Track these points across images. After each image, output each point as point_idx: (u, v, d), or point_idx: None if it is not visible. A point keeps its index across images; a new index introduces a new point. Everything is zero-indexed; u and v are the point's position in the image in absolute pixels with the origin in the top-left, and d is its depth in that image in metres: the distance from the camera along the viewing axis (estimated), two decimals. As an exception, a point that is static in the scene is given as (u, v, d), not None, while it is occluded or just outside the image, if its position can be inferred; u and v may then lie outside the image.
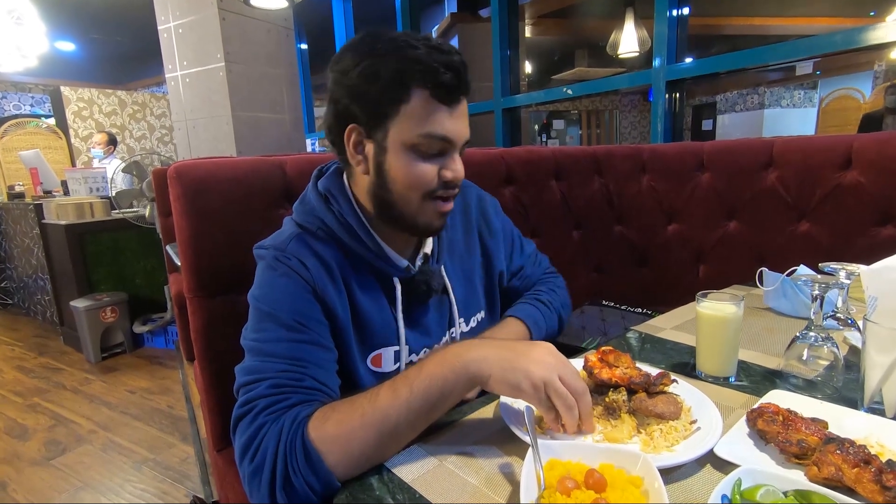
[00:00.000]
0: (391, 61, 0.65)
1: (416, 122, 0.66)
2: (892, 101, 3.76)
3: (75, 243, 3.09)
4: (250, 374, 0.63)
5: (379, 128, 0.68)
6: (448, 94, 0.67)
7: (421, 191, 0.70)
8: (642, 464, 0.49)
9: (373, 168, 0.71)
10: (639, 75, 2.37)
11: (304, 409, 0.59)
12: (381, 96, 0.66)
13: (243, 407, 0.61)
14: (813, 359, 0.71)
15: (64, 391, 2.67)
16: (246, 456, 0.58)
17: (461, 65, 0.67)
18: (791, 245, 1.55)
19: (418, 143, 0.67)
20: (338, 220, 0.73)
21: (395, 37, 0.67)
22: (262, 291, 0.70)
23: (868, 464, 0.46)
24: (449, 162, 0.70)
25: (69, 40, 6.27)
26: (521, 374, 0.57)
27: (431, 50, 0.65)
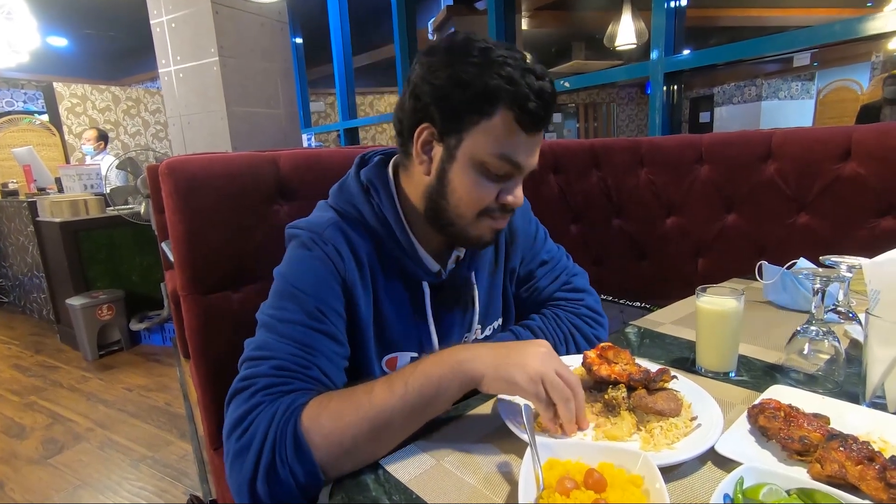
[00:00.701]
0: (484, 73, 0.62)
1: (493, 141, 0.65)
2: (891, 91, 3.75)
3: (70, 241, 3.07)
4: (258, 350, 0.62)
5: (453, 135, 0.66)
6: (532, 123, 0.65)
7: (477, 208, 0.69)
8: (642, 463, 0.48)
9: (436, 172, 0.69)
10: (636, 67, 2.35)
11: (301, 396, 0.58)
12: (464, 105, 0.64)
13: (243, 381, 0.60)
14: (814, 353, 0.71)
15: (61, 389, 2.66)
16: (234, 433, 0.56)
17: (551, 95, 0.65)
18: (790, 237, 1.54)
19: (488, 163, 0.66)
20: (375, 213, 0.72)
21: (492, 48, 0.64)
22: (290, 269, 0.69)
23: (872, 461, 0.46)
24: (512, 187, 0.69)
25: (61, 35, 6.20)
26: (516, 369, 0.56)
27: (526, 72, 0.63)
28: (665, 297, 1.19)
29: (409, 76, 0.69)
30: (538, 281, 0.90)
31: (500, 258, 0.87)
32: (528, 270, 0.91)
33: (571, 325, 0.85)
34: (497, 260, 0.87)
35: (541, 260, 0.91)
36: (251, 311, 0.95)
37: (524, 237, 0.90)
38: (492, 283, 0.87)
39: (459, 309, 0.82)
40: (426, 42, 4.54)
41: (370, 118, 6.83)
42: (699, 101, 8.62)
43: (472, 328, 0.83)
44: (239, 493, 0.55)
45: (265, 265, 0.97)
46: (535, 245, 0.92)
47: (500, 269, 0.87)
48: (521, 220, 0.90)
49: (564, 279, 0.91)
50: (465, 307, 0.82)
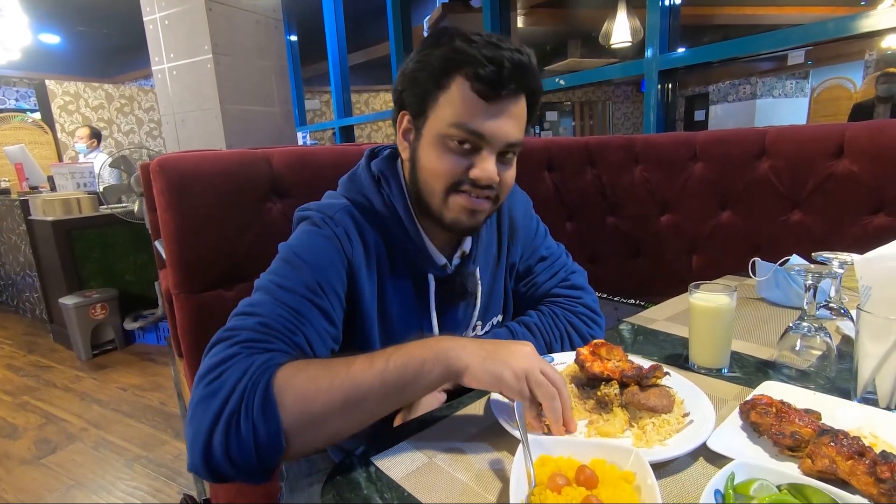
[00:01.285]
0: (441, 50, 0.65)
1: (451, 112, 0.65)
2: (884, 89, 3.77)
3: (63, 240, 3.04)
4: (249, 307, 0.62)
5: (422, 115, 0.68)
6: (489, 88, 0.64)
7: (443, 183, 0.68)
8: (634, 459, 0.48)
9: (410, 154, 0.71)
10: (631, 65, 2.35)
11: (280, 357, 0.57)
12: (427, 84, 0.66)
13: (226, 332, 0.59)
14: (806, 349, 0.71)
15: (54, 389, 2.64)
16: (206, 378, 0.54)
17: (512, 61, 0.64)
18: (784, 234, 1.55)
19: (447, 133, 0.66)
20: (385, 203, 0.73)
21: (461, 32, 0.66)
22: (297, 242, 0.69)
23: (862, 456, 0.46)
24: (478, 160, 0.67)
25: (54, 32, 6.15)
26: (502, 365, 0.55)
27: (487, 45, 0.64)
28: (659, 294, 1.19)
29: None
30: (537, 276, 0.90)
31: (501, 254, 0.87)
32: (528, 266, 0.91)
33: (568, 323, 0.85)
34: (499, 256, 0.87)
35: (540, 256, 0.91)
36: (244, 310, 0.95)
37: (524, 232, 0.90)
38: (494, 279, 0.87)
39: (462, 304, 0.82)
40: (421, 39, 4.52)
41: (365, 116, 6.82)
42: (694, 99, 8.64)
43: (472, 324, 0.84)
44: (193, 442, 0.51)
45: (258, 263, 0.96)
46: (535, 241, 0.92)
47: (501, 264, 0.87)
48: (522, 216, 0.90)
49: (563, 276, 0.91)
50: (468, 302, 0.82)
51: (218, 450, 0.50)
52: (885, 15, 1.61)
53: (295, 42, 5.01)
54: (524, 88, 0.67)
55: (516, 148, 0.70)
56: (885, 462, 0.44)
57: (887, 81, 3.77)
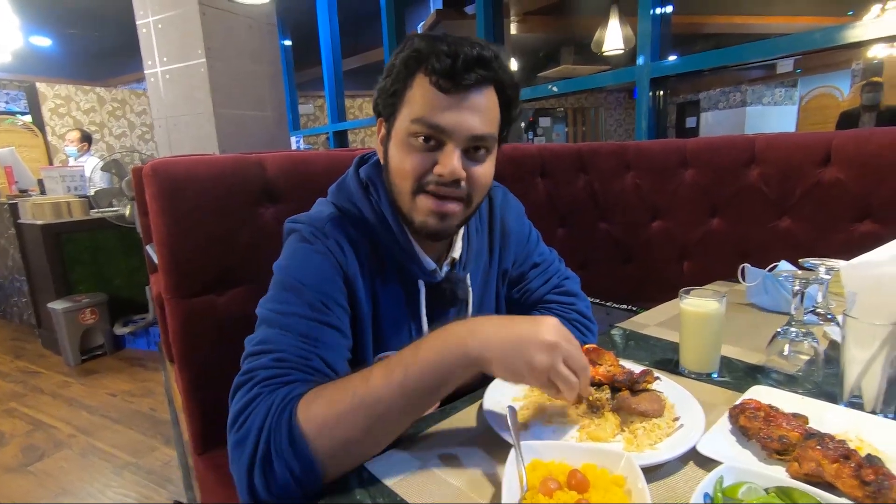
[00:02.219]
0: (403, 52, 0.66)
1: (412, 109, 0.66)
2: (869, 98, 3.85)
3: (52, 243, 3.01)
4: (260, 345, 0.61)
5: (392, 118, 0.69)
6: (447, 80, 0.63)
7: (409, 182, 0.67)
8: (625, 463, 0.49)
9: (383, 159, 0.72)
10: (623, 73, 2.38)
11: (299, 387, 0.57)
12: (391, 86, 0.67)
13: (244, 375, 0.59)
14: (794, 354, 0.72)
15: (42, 395, 2.61)
16: (234, 425, 0.56)
17: (470, 53, 0.63)
18: (773, 241, 1.57)
19: (411, 131, 0.66)
20: (374, 210, 0.73)
21: (428, 35, 0.67)
22: (291, 263, 0.68)
23: (848, 459, 0.47)
24: (441, 156, 0.65)
25: (45, 35, 6.11)
26: (523, 362, 0.53)
27: (446, 42, 0.64)
28: (651, 299, 1.20)
29: None
30: (530, 282, 0.90)
31: (493, 260, 0.87)
32: (521, 272, 0.91)
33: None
34: (491, 261, 0.87)
35: (533, 262, 0.91)
36: (236, 315, 0.95)
37: (517, 239, 0.90)
38: (485, 285, 0.87)
39: (453, 309, 0.82)
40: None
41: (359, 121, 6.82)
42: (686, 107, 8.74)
43: None
44: (239, 485, 0.54)
45: (251, 268, 0.97)
46: (528, 247, 0.92)
47: (493, 270, 0.88)
48: (515, 223, 0.90)
49: (556, 282, 0.91)
50: (459, 308, 0.82)
51: (261, 490, 0.53)
52: (870, 26, 1.64)
53: (289, 46, 5.02)
54: (487, 80, 0.65)
55: (486, 143, 0.67)
56: (870, 465, 0.45)
57: (872, 90, 3.86)
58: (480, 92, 0.65)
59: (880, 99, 3.88)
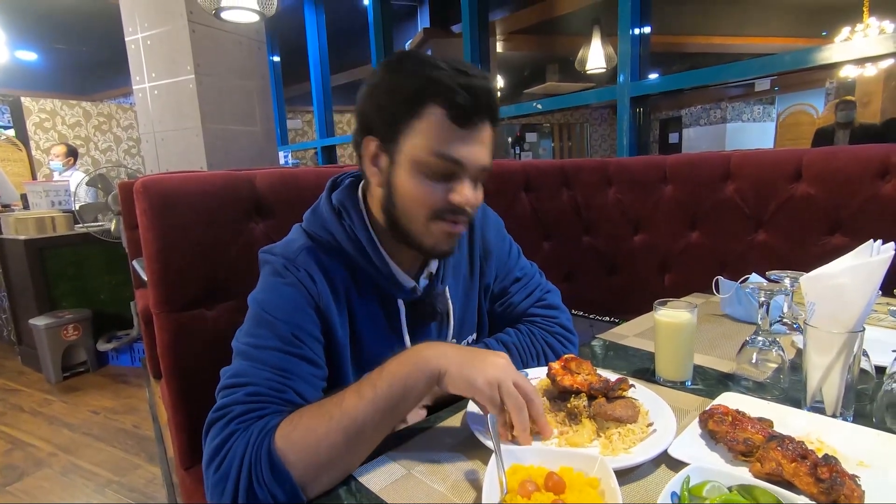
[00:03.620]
0: (413, 77, 0.66)
1: (427, 140, 0.66)
2: (842, 116, 3.99)
3: (35, 259, 2.98)
4: (233, 378, 0.63)
5: (393, 141, 0.68)
6: (464, 116, 0.66)
7: (426, 210, 0.69)
8: (599, 466, 0.51)
9: (384, 181, 0.71)
10: (605, 91, 2.45)
11: (274, 418, 0.59)
12: (397, 110, 0.67)
13: (218, 411, 0.60)
14: (762, 362, 0.75)
15: (21, 413, 2.56)
16: (213, 464, 0.57)
17: (483, 89, 0.66)
18: (749, 253, 1.63)
19: (427, 162, 0.67)
20: (348, 235, 0.73)
21: (426, 58, 0.68)
22: (264, 297, 0.69)
23: (805, 458, 0.50)
24: (457, 185, 0.69)
25: (31, 49, 6.08)
26: (477, 372, 0.59)
27: (456, 72, 0.65)
28: (633, 311, 1.23)
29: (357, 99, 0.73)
30: (512, 297, 0.92)
31: (474, 274, 0.89)
32: (502, 287, 0.93)
33: (545, 342, 0.87)
34: (472, 276, 0.89)
35: (514, 276, 0.93)
36: (225, 329, 0.96)
37: (498, 254, 0.92)
38: (467, 299, 0.89)
39: (435, 324, 0.83)
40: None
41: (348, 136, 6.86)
42: (668, 123, 8.95)
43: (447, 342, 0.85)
44: None
45: (240, 283, 0.98)
46: (509, 262, 0.94)
47: (475, 285, 0.89)
48: (495, 237, 0.92)
49: (538, 295, 0.93)
50: (441, 322, 0.84)
51: None
52: (840, 48, 1.73)
53: (278, 62, 5.06)
54: (492, 115, 0.69)
55: (487, 171, 0.72)
56: (826, 464, 0.48)
57: (845, 108, 4.00)
58: (486, 126, 0.69)
59: (853, 117, 4.03)
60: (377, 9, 3.75)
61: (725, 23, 6.16)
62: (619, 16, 2.21)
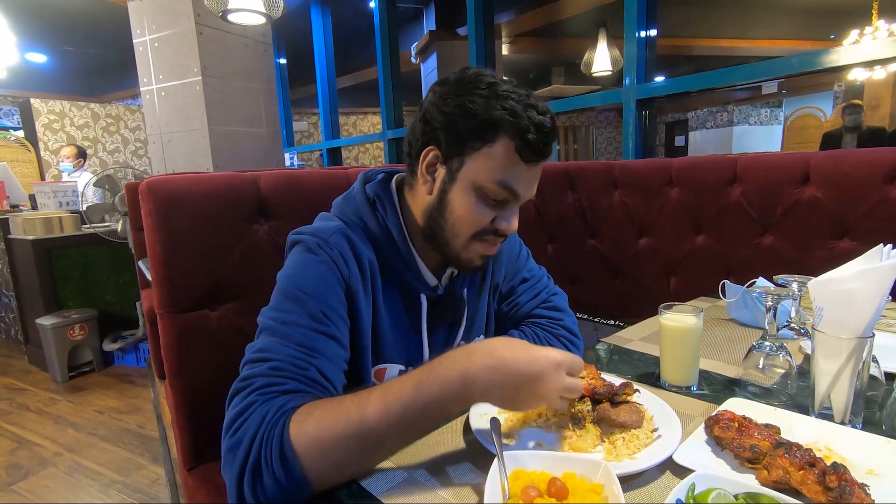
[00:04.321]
0: (489, 104, 0.67)
1: (493, 168, 0.69)
2: (850, 119, 3.95)
3: (43, 259, 3.00)
4: (259, 353, 0.63)
5: (456, 158, 0.70)
6: (531, 154, 0.68)
7: (471, 230, 0.72)
8: (603, 471, 0.51)
9: (437, 192, 0.73)
10: (611, 94, 2.44)
11: (294, 398, 0.58)
12: (468, 132, 0.68)
13: (242, 382, 0.60)
14: (769, 367, 0.74)
15: (27, 412, 2.57)
16: (229, 431, 0.57)
17: (551, 131, 0.69)
18: (756, 258, 1.61)
19: (487, 187, 0.69)
20: (380, 225, 0.76)
21: (499, 83, 0.69)
22: (295, 272, 0.70)
23: (813, 466, 0.49)
24: (508, 213, 0.73)
25: (41, 52, 6.15)
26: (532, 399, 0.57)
27: (528, 107, 0.68)
28: (638, 315, 1.22)
29: (422, 102, 0.75)
30: (519, 297, 0.93)
31: (486, 275, 0.90)
32: (510, 287, 0.94)
33: (548, 345, 0.87)
34: (483, 277, 0.90)
35: (522, 277, 0.94)
36: (229, 330, 0.96)
37: (508, 255, 0.93)
38: (478, 300, 0.89)
39: (449, 324, 0.85)
40: (409, 65, 4.64)
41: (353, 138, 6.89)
42: (675, 126, 8.92)
43: (457, 344, 0.86)
44: (229, 489, 0.56)
45: (244, 284, 0.99)
46: (518, 263, 0.95)
47: (486, 285, 0.90)
48: (507, 240, 0.92)
49: (545, 297, 0.93)
50: (454, 323, 0.85)
51: (249, 496, 0.55)
52: (849, 51, 1.72)
53: (284, 65, 5.09)
54: (551, 153, 0.72)
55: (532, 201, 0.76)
56: (834, 472, 0.47)
57: (853, 112, 3.96)
58: (543, 161, 0.72)
59: (861, 120, 3.98)
60: (383, 11, 3.76)
61: (732, 25, 6.13)
62: (625, 18, 2.20)
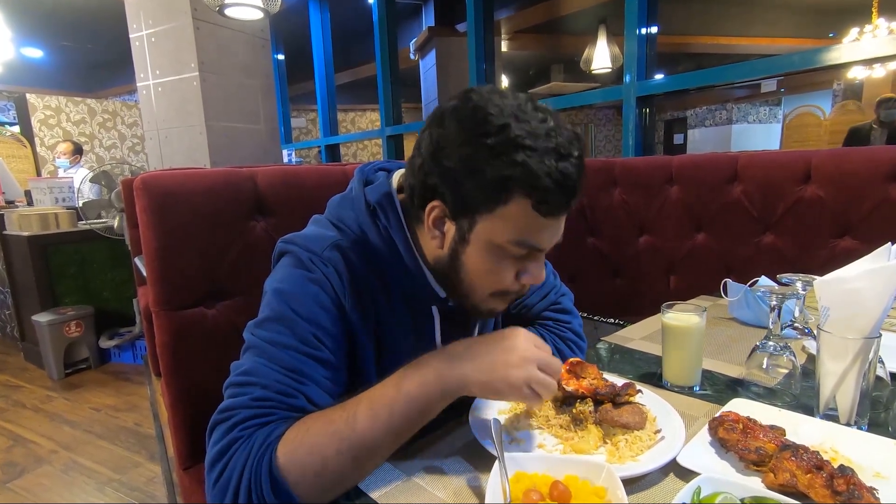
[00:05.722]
0: (498, 159, 0.56)
1: (509, 228, 0.59)
2: (886, 115, 3.75)
3: (39, 255, 2.98)
4: (244, 376, 0.59)
5: (465, 217, 0.61)
6: (552, 210, 0.58)
7: (493, 288, 0.65)
8: (606, 474, 0.50)
9: (448, 250, 0.64)
10: (611, 91, 2.43)
11: (279, 426, 0.55)
12: (476, 193, 0.58)
13: (223, 413, 0.57)
14: (772, 367, 0.74)
15: (23, 410, 2.56)
16: (214, 469, 0.55)
17: (576, 178, 0.58)
18: (756, 256, 1.60)
19: (504, 247, 0.61)
20: (382, 236, 0.67)
21: (510, 125, 0.56)
22: (285, 289, 0.64)
23: (820, 469, 0.48)
24: (531, 266, 0.64)
25: (37, 47, 6.10)
26: (500, 382, 0.55)
27: (547, 154, 0.56)
28: (638, 313, 1.22)
29: (418, 143, 0.63)
30: (528, 298, 0.89)
31: None
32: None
33: (555, 348, 0.85)
34: None
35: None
36: (225, 328, 0.95)
37: None
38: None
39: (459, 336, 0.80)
40: (408, 61, 4.61)
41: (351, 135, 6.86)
42: (673, 124, 8.91)
43: None
44: None
45: (241, 281, 0.97)
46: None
47: None
48: None
49: (553, 298, 0.90)
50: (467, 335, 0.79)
51: None
52: (848, 49, 1.71)
53: (282, 61, 5.06)
54: (578, 198, 0.61)
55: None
56: (842, 475, 0.47)
57: (889, 107, 3.77)
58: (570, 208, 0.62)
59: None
60: (382, 7, 3.74)
61: (732, 23, 6.12)
62: (625, 15, 2.19)
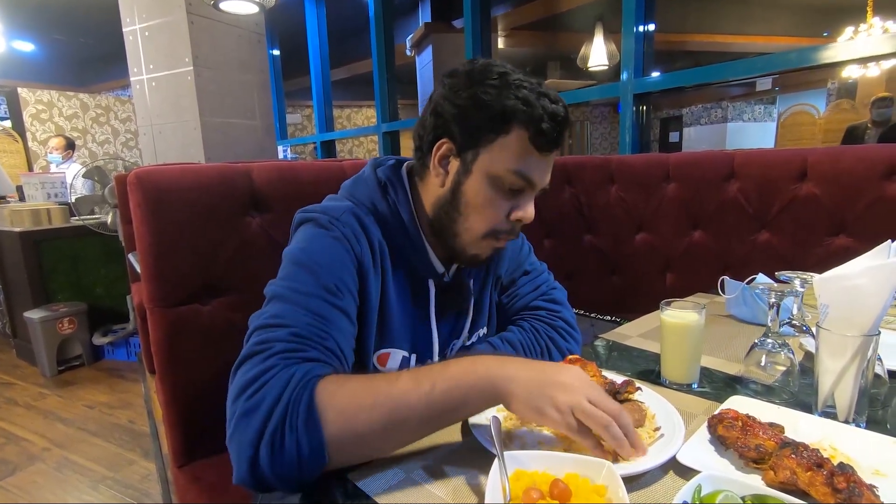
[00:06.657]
0: (501, 94, 0.67)
1: (508, 157, 0.68)
2: (879, 114, 3.81)
3: (31, 251, 2.95)
4: (273, 318, 0.60)
5: (470, 150, 0.70)
6: (546, 143, 0.68)
7: (487, 224, 0.72)
8: (606, 472, 0.50)
9: (450, 185, 0.72)
10: (608, 88, 2.43)
11: (318, 367, 0.57)
12: (482, 123, 0.68)
13: (258, 345, 0.57)
14: (771, 365, 0.74)
15: (15, 407, 2.54)
16: (244, 393, 0.54)
17: (564, 119, 0.69)
18: (753, 254, 1.61)
19: (503, 177, 0.69)
20: (390, 209, 0.75)
21: (510, 73, 0.69)
22: (306, 246, 0.68)
23: (821, 467, 0.48)
24: (523, 202, 0.72)
25: (28, 40, 6.04)
26: (547, 400, 0.55)
27: (541, 96, 0.68)
28: (635, 310, 1.21)
29: (432, 95, 0.74)
30: (519, 288, 0.94)
31: (490, 267, 0.90)
32: (512, 279, 0.94)
33: (548, 337, 0.88)
34: (488, 269, 0.89)
35: (524, 269, 0.95)
36: (221, 325, 0.94)
37: (511, 247, 0.92)
38: (482, 290, 0.89)
39: (454, 314, 0.84)
40: (404, 58, 4.59)
41: (347, 131, 6.84)
42: (669, 122, 8.93)
43: (462, 335, 0.85)
44: (239, 456, 0.52)
45: (236, 278, 0.96)
46: (521, 256, 0.95)
47: (490, 277, 0.90)
48: None
49: (545, 290, 0.94)
50: (460, 313, 0.85)
51: (265, 463, 0.51)
52: (842, 47, 1.71)
53: (277, 56, 5.02)
54: (564, 142, 0.72)
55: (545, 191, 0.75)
56: (842, 473, 0.46)
57: (882, 106, 3.81)
58: (557, 150, 0.72)
59: (890, 115, 3.81)
60: (378, 3, 3.71)
61: (728, 21, 6.14)
62: (623, 12, 2.18)
